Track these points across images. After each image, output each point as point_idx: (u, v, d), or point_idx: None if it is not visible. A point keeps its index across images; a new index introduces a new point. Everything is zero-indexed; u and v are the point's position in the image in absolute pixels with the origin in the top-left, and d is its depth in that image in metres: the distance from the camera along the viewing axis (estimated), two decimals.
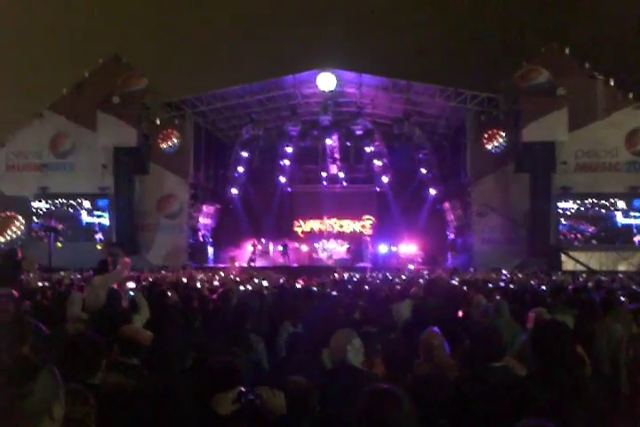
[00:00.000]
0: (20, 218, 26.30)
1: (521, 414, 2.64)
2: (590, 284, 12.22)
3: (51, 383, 1.79)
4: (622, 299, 7.59)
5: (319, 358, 4.86)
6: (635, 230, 24.29)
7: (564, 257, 23.76)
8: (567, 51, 24.95)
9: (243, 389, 3.01)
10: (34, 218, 26.17)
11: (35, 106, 28.12)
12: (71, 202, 26.34)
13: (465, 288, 10.80)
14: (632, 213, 24.25)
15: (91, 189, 26.25)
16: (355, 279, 15.53)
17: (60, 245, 24.91)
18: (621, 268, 22.92)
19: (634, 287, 11.19)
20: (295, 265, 27.03)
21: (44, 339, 4.20)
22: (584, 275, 17.97)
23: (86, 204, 26.32)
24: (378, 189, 30.76)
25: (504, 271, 19.29)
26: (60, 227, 25.45)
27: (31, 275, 14.91)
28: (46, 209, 26.22)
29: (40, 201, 26.28)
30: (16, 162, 26.57)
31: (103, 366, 3.41)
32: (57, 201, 26.32)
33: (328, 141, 29.26)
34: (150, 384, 3.55)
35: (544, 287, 11.41)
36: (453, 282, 13.76)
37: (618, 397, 5.38)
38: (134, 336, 4.08)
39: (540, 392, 3.03)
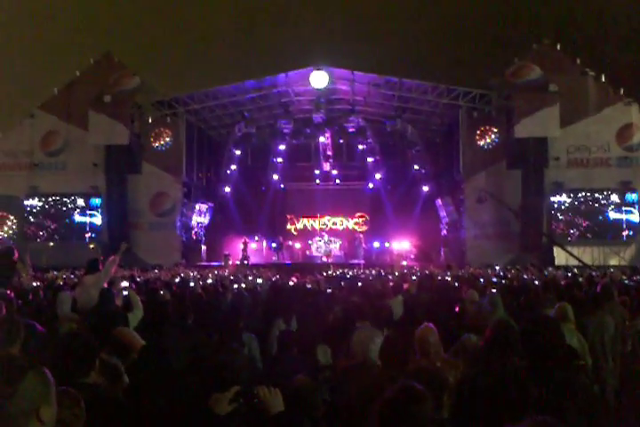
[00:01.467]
0: (12, 218, 26.17)
1: (517, 409, 2.65)
2: (581, 279, 12.27)
3: (38, 384, 1.75)
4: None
5: (313, 355, 4.86)
6: (624, 225, 24.39)
7: (556, 252, 23.85)
8: (559, 47, 25.03)
9: (240, 388, 3.00)
10: (30, 218, 26.05)
11: (26, 106, 27.98)
12: (64, 200, 26.22)
13: (457, 284, 10.84)
14: (624, 208, 24.34)
15: (82, 189, 26.12)
16: (348, 276, 15.55)
17: (51, 243, 24.84)
18: (613, 262, 23.04)
19: (625, 282, 11.24)
20: (289, 262, 27.05)
21: (38, 338, 4.18)
22: (576, 269, 18.04)
23: (80, 202, 26.21)
24: (371, 186, 30.78)
25: (497, 267, 19.36)
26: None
27: (24, 275, 14.85)
28: (39, 208, 26.10)
29: (32, 199, 26.14)
30: (6, 161, 26.41)
31: (97, 366, 3.39)
32: (50, 199, 26.19)
33: (321, 139, 29.25)
34: (144, 383, 3.54)
35: (537, 282, 11.45)
36: (446, 278, 13.80)
37: (610, 389, 5.42)
38: (125, 340, 4.03)
39: (532, 386, 3.04)
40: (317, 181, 30.85)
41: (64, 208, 26.28)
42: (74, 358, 3.21)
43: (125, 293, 7.00)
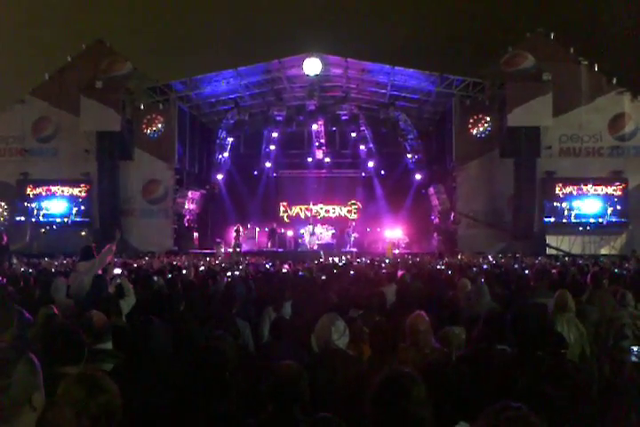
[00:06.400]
0: (3, 204, 26.00)
1: (502, 396, 2.66)
2: (573, 268, 12.34)
3: (29, 373, 1.76)
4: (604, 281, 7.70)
5: (307, 342, 4.87)
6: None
7: (547, 240, 23.96)
8: (552, 36, 24.99)
9: None
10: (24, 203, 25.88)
11: (16, 91, 27.73)
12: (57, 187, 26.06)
13: (450, 272, 10.89)
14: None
15: (73, 175, 25.96)
16: (341, 264, 15.57)
17: (42, 230, 24.73)
18: (604, 251, 23.18)
19: (616, 271, 11.32)
20: (281, 250, 27.07)
21: (27, 325, 4.18)
22: (567, 258, 18.15)
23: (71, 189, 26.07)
24: (363, 175, 30.77)
25: (490, 256, 19.44)
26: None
27: (14, 260, 14.82)
28: (32, 195, 25.92)
29: (23, 186, 25.98)
30: None
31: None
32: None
33: (314, 127, 29.13)
34: (135, 369, 3.54)
35: (526, 271, 11.52)
36: (438, 266, 13.86)
37: (598, 377, 5.47)
38: (106, 321, 3.99)
39: (520, 374, 3.06)
40: (310, 168, 30.81)
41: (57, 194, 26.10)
42: (57, 348, 3.20)
43: (118, 280, 7.01)
